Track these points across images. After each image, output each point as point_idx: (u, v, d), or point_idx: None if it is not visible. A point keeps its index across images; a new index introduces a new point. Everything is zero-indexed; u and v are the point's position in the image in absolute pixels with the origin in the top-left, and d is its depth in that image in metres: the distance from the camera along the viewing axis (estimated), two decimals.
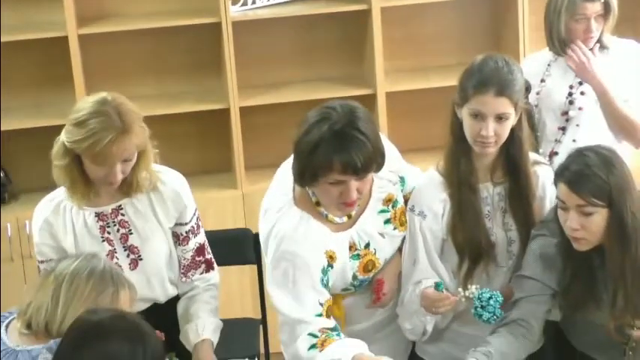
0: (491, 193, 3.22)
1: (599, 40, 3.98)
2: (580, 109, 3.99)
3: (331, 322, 3.08)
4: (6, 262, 4.92)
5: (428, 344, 3.31)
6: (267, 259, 3.15)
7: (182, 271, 3.41)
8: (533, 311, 3.10)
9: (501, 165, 3.21)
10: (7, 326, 2.82)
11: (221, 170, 5.27)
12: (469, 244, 3.17)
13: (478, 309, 3.09)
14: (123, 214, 3.30)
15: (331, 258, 3.11)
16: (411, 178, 3.31)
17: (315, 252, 3.07)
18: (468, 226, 3.17)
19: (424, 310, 3.15)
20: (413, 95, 5.25)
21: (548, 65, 4.06)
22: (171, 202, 3.34)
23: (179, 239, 3.40)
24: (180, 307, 3.41)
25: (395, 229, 3.22)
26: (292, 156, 3.07)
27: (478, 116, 3.09)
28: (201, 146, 5.29)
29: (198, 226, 3.43)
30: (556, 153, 3.99)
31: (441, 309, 3.11)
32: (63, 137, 3.19)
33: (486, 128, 3.08)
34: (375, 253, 3.18)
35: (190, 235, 3.40)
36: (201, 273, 3.44)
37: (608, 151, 3.02)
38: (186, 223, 3.39)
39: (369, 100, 4.99)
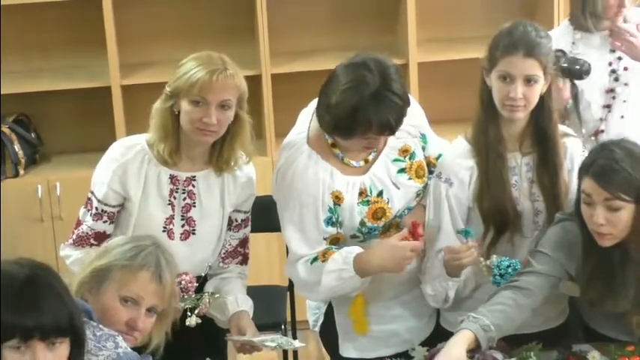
0: (519, 162, 3.20)
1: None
2: (626, 84, 4.00)
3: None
4: (36, 222, 4.96)
5: (450, 313, 3.30)
6: (275, 195, 3.28)
7: (222, 256, 3.41)
8: (543, 287, 3.06)
9: (530, 134, 3.19)
10: None
11: None
12: (495, 213, 3.16)
13: (496, 277, 3.10)
14: (194, 185, 3.28)
15: (337, 198, 3.17)
16: (434, 142, 3.33)
17: (321, 192, 3.16)
18: (495, 194, 3.15)
19: (446, 275, 3.15)
20: (445, 66, 5.22)
21: (573, 44, 4.04)
22: (241, 187, 3.35)
23: (231, 225, 3.39)
24: (212, 285, 3.39)
25: (410, 179, 3.24)
26: (315, 102, 3.16)
27: (507, 79, 3.09)
28: None
29: (249, 219, 3.44)
30: (602, 131, 3.99)
31: (465, 260, 3.10)
32: (165, 89, 3.22)
33: (515, 90, 3.07)
34: (387, 202, 3.21)
35: (242, 225, 3.41)
36: (237, 264, 3.45)
37: (633, 145, 2.99)
38: (244, 212, 3.40)
39: (401, 70, 4.96)
